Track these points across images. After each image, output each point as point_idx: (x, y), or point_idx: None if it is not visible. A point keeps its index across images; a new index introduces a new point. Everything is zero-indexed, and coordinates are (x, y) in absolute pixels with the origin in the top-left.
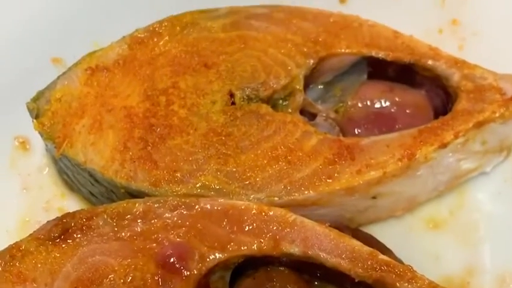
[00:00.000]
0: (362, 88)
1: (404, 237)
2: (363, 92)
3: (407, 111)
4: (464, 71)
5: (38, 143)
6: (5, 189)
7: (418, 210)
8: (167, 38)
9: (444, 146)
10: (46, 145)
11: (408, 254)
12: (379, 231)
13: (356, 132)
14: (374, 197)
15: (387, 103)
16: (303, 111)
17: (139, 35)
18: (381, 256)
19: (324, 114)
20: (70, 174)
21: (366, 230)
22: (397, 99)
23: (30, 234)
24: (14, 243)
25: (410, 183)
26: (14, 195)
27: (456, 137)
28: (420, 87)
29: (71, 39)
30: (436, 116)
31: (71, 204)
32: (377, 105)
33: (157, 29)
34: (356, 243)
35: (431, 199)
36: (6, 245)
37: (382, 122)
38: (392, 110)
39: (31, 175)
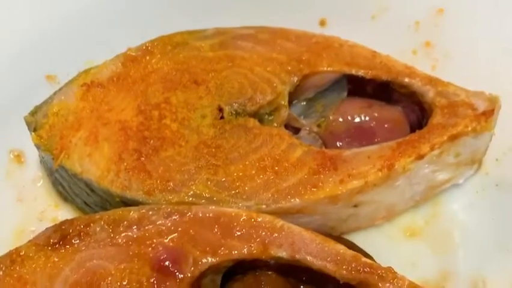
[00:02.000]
0: (343, 104)
1: (383, 245)
2: (343, 108)
3: (385, 125)
4: (438, 88)
5: (32, 155)
6: (0, 201)
7: (396, 220)
8: (159, 56)
9: (421, 157)
10: (43, 157)
11: (387, 260)
12: (360, 240)
13: (338, 145)
14: (355, 206)
15: (367, 118)
16: (287, 126)
17: (132, 53)
18: (364, 259)
19: (307, 128)
20: (66, 185)
21: (348, 238)
22: (376, 114)
23: (30, 240)
24: (14, 249)
25: (389, 192)
26: (9, 206)
27: (432, 149)
28: (397, 104)
29: (65, 57)
30: (412, 130)
31: (65, 214)
32: (357, 120)
33: (149, 47)
34: (340, 247)
35: (408, 209)
36: (1, 254)
37: (362, 136)
38: (371, 125)
39: (26, 187)
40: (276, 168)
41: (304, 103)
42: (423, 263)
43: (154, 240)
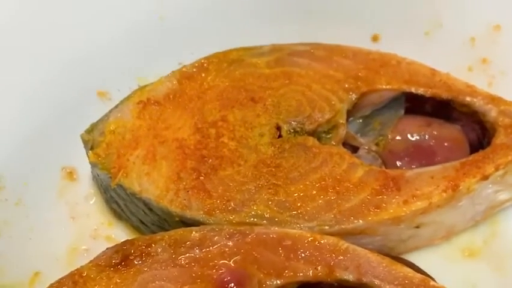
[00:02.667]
0: (401, 122)
1: (441, 265)
2: (402, 126)
3: (445, 144)
4: (501, 107)
5: (84, 172)
6: (53, 218)
7: (454, 240)
8: (214, 73)
9: (485, 178)
10: (97, 174)
11: (446, 281)
12: (417, 259)
13: (398, 165)
14: (417, 227)
15: (426, 137)
16: (344, 144)
17: (187, 70)
18: (433, 283)
19: (366, 147)
20: (121, 203)
21: (406, 258)
22: (435, 133)
23: (91, 261)
24: (75, 270)
25: (451, 213)
26: (62, 223)
27: (497, 169)
28: (456, 122)
29: (116, 73)
30: (472, 149)
31: (119, 232)
32: (416, 139)
33: (205, 64)
34: (408, 271)
35: (466, 229)
36: (56, 271)
37: (421, 155)
38: (431, 144)
39: (78, 204)
40: (338, 188)
41: (361, 120)
42: (484, 284)
43: (217, 262)
